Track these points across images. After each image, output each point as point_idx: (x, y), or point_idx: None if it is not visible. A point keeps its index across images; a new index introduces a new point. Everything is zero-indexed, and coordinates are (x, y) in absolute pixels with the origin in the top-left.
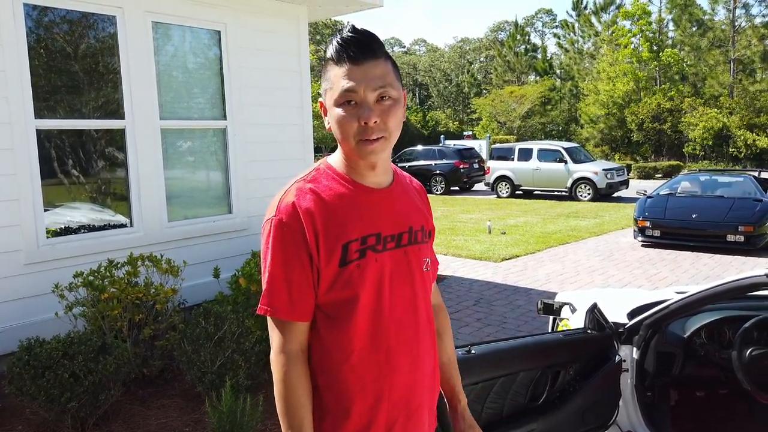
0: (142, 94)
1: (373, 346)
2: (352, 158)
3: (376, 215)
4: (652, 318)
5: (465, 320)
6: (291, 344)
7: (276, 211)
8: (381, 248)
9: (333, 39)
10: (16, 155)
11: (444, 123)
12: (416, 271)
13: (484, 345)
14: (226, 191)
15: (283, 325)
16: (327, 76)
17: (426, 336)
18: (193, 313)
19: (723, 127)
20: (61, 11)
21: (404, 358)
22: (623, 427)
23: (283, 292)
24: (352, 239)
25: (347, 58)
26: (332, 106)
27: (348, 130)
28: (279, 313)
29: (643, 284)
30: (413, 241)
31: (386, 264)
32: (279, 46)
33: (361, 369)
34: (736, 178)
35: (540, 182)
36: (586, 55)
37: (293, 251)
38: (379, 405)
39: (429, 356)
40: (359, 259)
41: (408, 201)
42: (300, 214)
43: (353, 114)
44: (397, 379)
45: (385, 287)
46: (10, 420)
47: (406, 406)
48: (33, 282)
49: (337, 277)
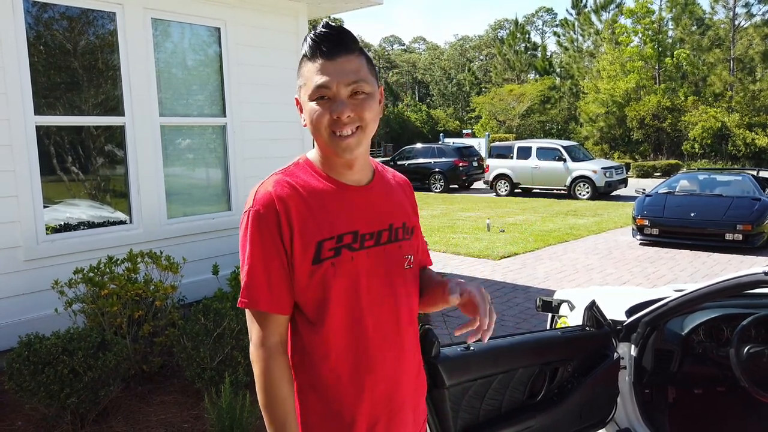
0: (141, 91)
1: (352, 346)
2: (328, 155)
3: (353, 213)
4: (650, 315)
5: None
6: (272, 337)
7: (253, 202)
8: (357, 246)
9: (307, 36)
10: (15, 152)
11: (443, 121)
12: (396, 270)
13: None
14: (226, 188)
15: (263, 318)
16: (301, 72)
17: (408, 335)
18: (192, 310)
19: (722, 126)
20: (61, 8)
21: (385, 357)
22: (621, 424)
23: (263, 284)
24: (326, 237)
25: (320, 53)
26: (306, 101)
27: (320, 124)
28: (260, 305)
29: (642, 282)
30: (393, 239)
31: (363, 263)
32: (279, 44)
33: (339, 368)
34: (735, 177)
35: (539, 180)
36: (586, 54)
37: (271, 242)
38: (360, 404)
39: (412, 355)
40: (334, 258)
41: (389, 198)
42: (276, 205)
43: (326, 108)
44: (378, 378)
45: (362, 286)
46: (10, 416)
47: (388, 406)
48: (32, 278)
49: (311, 276)
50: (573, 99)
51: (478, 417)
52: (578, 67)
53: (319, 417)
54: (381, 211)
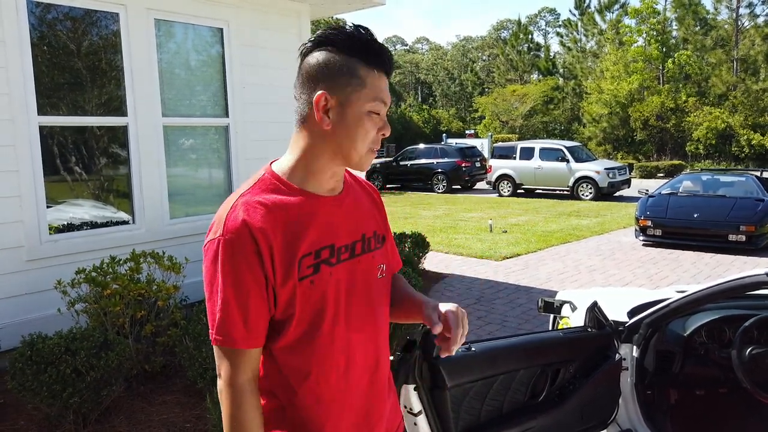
0: (144, 92)
1: (332, 365)
2: (327, 163)
3: (328, 226)
4: (652, 317)
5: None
6: (243, 375)
7: (223, 229)
8: (335, 261)
9: (356, 34)
10: (18, 152)
11: (446, 121)
12: (372, 281)
13: (484, 343)
14: (228, 188)
15: (235, 355)
16: (354, 73)
17: (383, 345)
18: (194, 310)
19: (726, 126)
20: (64, 8)
21: (363, 373)
22: (623, 425)
23: (237, 319)
24: (305, 253)
25: (382, 67)
26: (360, 107)
27: (367, 138)
28: (237, 343)
29: (644, 283)
30: (366, 249)
31: (341, 277)
32: (281, 44)
33: (320, 389)
34: (738, 177)
35: (542, 181)
36: (590, 54)
37: (246, 273)
38: (339, 423)
39: (386, 366)
40: (313, 275)
41: (359, 207)
42: (252, 231)
43: (374, 123)
44: (356, 395)
45: (341, 302)
46: (12, 415)
47: (367, 421)
48: (35, 278)
49: (292, 295)
50: (576, 99)
51: (479, 418)
52: (581, 68)
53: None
54: (354, 222)
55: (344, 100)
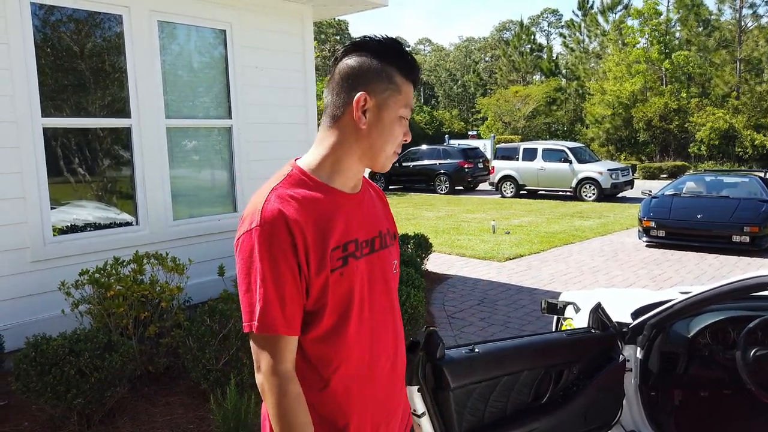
0: (147, 93)
1: (359, 355)
2: (354, 163)
3: (352, 221)
4: (656, 318)
5: (469, 320)
6: (284, 363)
7: (260, 220)
8: (359, 254)
9: (392, 44)
10: (22, 153)
11: (448, 122)
12: (389, 274)
13: (487, 344)
14: (231, 190)
15: (275, 343)
16: (394, 80)
17: (401, 337)
18: (198, 311)
19: (730, 127)
20: (68, 10)
21: (384, 362)
22: (626, 426)
23: (277, 307)
24: (334, 246)
25: (413, 77)
26: (394, 112)
27: (395, 140)
28: (278, 330)
29: (648, 285)
30: (383, 245)
31: (364, 270)
32: (284, 46)
33: (347, 378)
34: (742, 178)
35: (544, 182)
36: (592, 55)
37: (283, 262)
38: (365, 412)
39: (404, 356)
40: (342, 267)
41: (374, 205)
42: (288, 222)
43: (402, 128)
44: (378, 383)
45: (365, 293)
46: (17, 416)
47: (386, 409)
48: (39, 279)
49: (324, 286)
50: (579, 100)
51: (483, 419)
52: (584, 69)
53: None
54: (372, 219)
55: (382, 103)
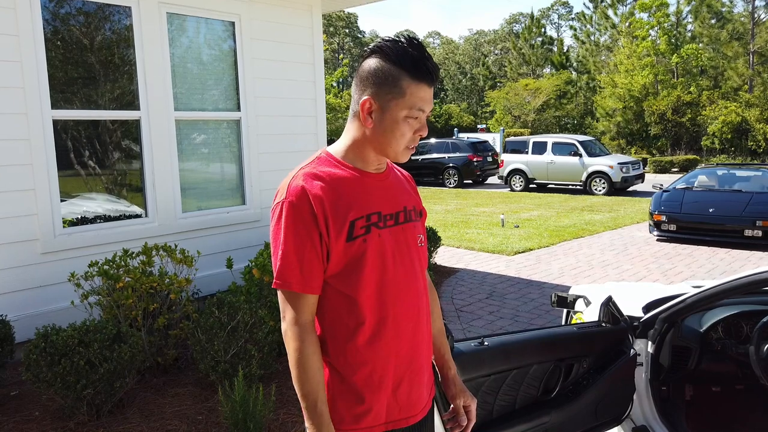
0: (156, 86)
1: (382, 316)
2: (371, 152)
3: (375, 196)
4: (667, 312)
5: (478, 313)
6: (304, 316)
7: (286, 194)
8: (382, 225)
9: (406, 47)
10: (32, 146)
11: (457, 116)
12: (413, 246)
13: (497, 337)
14: (240, 182)
15: (296, 298)
16: (399, 84)
17: (424, 304)
18: (206, 303)
19: (742, 120)
20: (77, 2)
21: (407, 325)
22: (637, 421)
23: (295, 267)
24: (357, 217)
25: (426, 78)
26: (397, 113)
27: (403, 138)
28: (293, 287)
29: (659, 279)
30: (408, 219)
31: (388, 239)
32: (293, 38)
33: (373, 333)
34: (755, 172)
35: (554, 176)
36: (603, 48)
37: (304, 230)
38: (388, 366)
39: (427, 322)
40: (365, 235)
41: (400, 185)
42: (309, 196)
43: (411, 126)
44: (403, 344)
45: (388, 260)
46: (27, 406)
47: (409, 368)
48: (49, 271)
49: (345, 252)
50: (589, 93)
51: (492, 413)
52: (595, 62)
53: (350, 386)
54: (396, 195)
55: (384, 106)
